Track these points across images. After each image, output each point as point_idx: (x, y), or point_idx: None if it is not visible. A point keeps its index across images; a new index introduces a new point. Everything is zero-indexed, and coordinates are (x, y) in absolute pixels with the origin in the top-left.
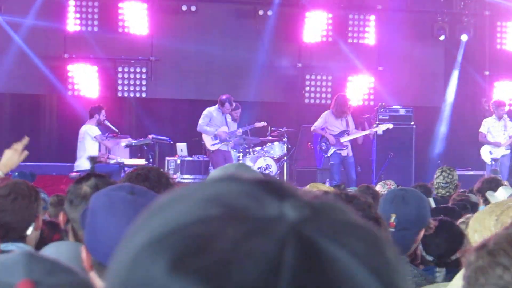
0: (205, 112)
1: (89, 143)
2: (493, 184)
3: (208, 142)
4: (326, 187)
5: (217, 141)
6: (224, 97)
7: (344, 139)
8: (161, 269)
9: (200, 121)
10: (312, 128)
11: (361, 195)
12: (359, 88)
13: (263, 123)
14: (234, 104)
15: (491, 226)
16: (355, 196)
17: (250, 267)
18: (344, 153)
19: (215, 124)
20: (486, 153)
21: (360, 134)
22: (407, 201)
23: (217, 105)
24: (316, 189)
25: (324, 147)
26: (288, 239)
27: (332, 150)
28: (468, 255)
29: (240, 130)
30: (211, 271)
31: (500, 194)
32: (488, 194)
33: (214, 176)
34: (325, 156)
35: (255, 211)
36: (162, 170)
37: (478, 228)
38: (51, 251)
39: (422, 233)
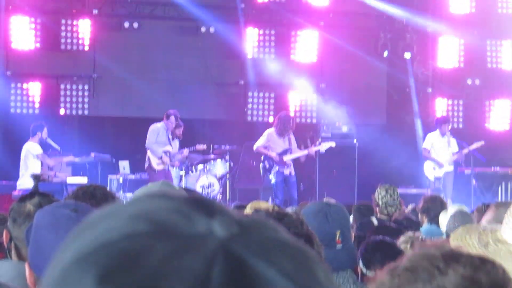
0: (153, 127)
1: (31, 161)
2: (437, 203)
3: (154, 160)
4: (268, 205)
5: (160, 161)
6: (171, 111)
7: (287, 158)
8: (89, 284)
9: (149, 138)
10: (255, 147)
11: (294, 212)
12: (301, 105)
13: (203, 146)
14: (179, 120)
15: (474, 244)
16: (287, 213)
17: (178, 283)
18: (286, 171)
19: (160, 141)
20: (430, 170)
21: (302, 152)
22: (331, 217)
23: (162, 122)
24: (257, 207)
25: (267, 166)
26: (216, 256)
27: (275, 168)
28: (379, 277)
29: (186, 151)
30: (139, 287)
31: (448, 214)
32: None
33: (139, 194)
34: (268, 175)
35: (183, 228)
36: (108, 188)
37: (463, 246)
38: None
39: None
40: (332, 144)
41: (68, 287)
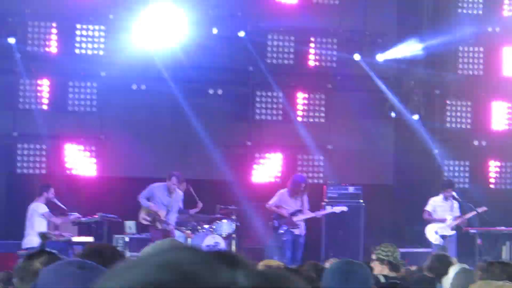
0: (149, 186)
1: (37, 220)
2: (444, 261)
3: (141, 215)
4: (279, 263)
5: (149, 218)
6: (174, 172)
7: (297, 218)
8: None
9: (143, 193)
10: (267, 205)
11: (304, 270)
12: (308, 166)
13: (199, 205)
14: (180, 181)
15: None
16: (297, 270)
17: None
18: (296, 231)
19: (157, 202)
20: (432, 233)
21: (313, 214)
22: (353, 276)
23: (163, 183)
24: (268, 265)
25: (276, 225)
26: None
27: (284, 228)
28: None
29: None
30: None
31: (451, 274)
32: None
33: (144, 252)
34: (277, 233)
35: (207, 278)
36: (116, 248)
37: None
38: None
39: None
40: (344, 208)
41: None
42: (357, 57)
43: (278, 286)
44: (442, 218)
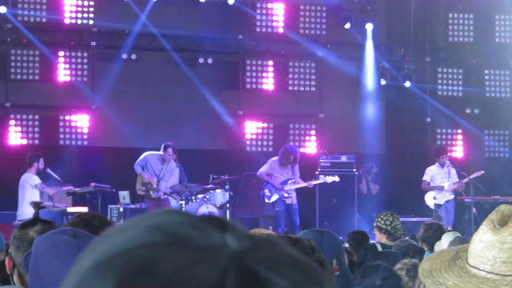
0: (143, 155)
1: (29, 191)
2: (437, 232)
3: (137, 185)
4: (270, 232)
5: (143, 187)
6: (169, 143)
7: (288, 187)
8: None
9: (137, 161)
10: (258, 173)
11: (305, 239)
12: (300, 135)
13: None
14: (175, 152)
15: (446, 258)
16: (299, 239)
17: None
18: (288, 200)
19: (150, 170)
20: (430, 199)
21: (304, 184)
22: (326, 246)
23: (158, 152)
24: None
25: (267, 193)
26: (230, 267)
27: (275, 196)
28: None
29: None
30: None
31: (444, 242)
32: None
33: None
34: (268, 202)
35: (198, 240)
36: (105, 217)
37: (431, 258)
38: None
39: None
40: (336, 179)
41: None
42: (347, 25)
43: (269, 249)
44: (439, 185)
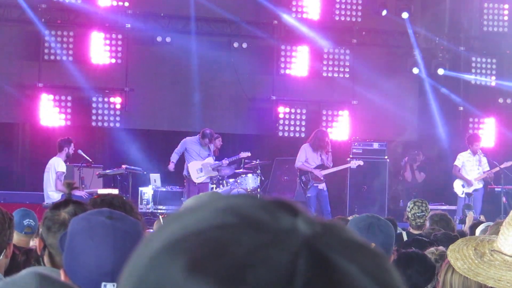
0: (182, 141)
1: (54, 177)
2: (444, 222)
3: (194, 174)
4: None
5: (202, 173)
6: (207, 131)
7: (325, 172)
8: (179, 270)
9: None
10: (298, 164)
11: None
12: (332, 121)
13: (247, 153)
14: (214, 139)
15: (471, 255)
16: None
17: (265, 273)
18: (320, 186)
19: (194, 155)
20: (459, 186)
21: (337, 168)
22: (380, 230)
23: (197, 136)
24: None
25: (304, 180)
26: (301, 251)
27: (311, 182)
28: None
29: (227, 161)
30: (227, 274)
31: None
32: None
33: (188, 204)
34: (304, 188)
35: (269, 223)
36: (126, 198)
37: (459, 257)
38: None
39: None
40: (360, 162)
41: (157, 272)
42: (384, 12)
43: (338, 235)
44: (469, 180)
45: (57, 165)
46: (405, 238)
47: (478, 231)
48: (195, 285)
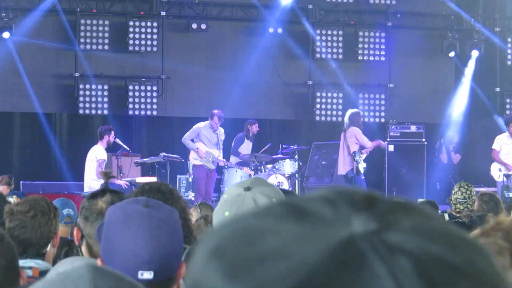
0: (194, 126)
1: (96, 165)
2: (493, 203)
3: (191, 155)
4: None
5: (201, 158)
6: (215, 111)
7: (366, 150)
8: (202, 256)
9: (186, 134)
10: (369, 143)
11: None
12: (369, 104)
13: (268, 145)
14: (222, 120)
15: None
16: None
17: (287, 267)
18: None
19: (203, 140)
20: (496, 170)
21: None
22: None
23: (207, 121)
24: None
25: (356, 157)
26: (339, 248)
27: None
28: None
29: (227, 163)
30: (246, 262)
31: None
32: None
33: (231, 191)
34: (357, 164)
35: (319, 215)
36: (171, 186)
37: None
38: (66, 266)
39: None
40: (384, 144)
41: (192, 259)
42: None
43: (394, 235)
44: (508, 164)
45: (98, 153)
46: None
47: None
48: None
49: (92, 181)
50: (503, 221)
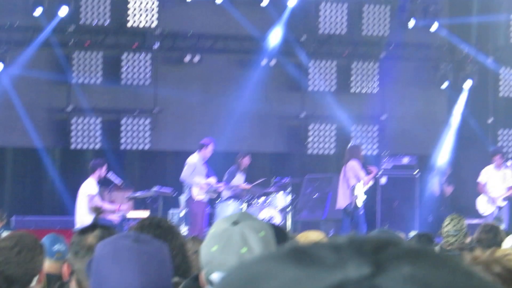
0: (189, 162)
1: (86, 199)
2: (492, 233)
3: (195, 190)
4: (319, 236)
5: (203, 191)
6: (207, 139)
7: (363, 189)
8: None
9: (185, 172)
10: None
11: None
12: (362, 136)
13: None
14: (209, 149)
15: None
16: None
17: None
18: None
19: (200, 173)
20: (483, 203)
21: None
22: None
23: (197, 154)
24: (305, 238)
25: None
26: None
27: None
28: None
29: (246, 186)
30: None
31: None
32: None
33: (220, 226)
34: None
35: (318, 259)
36: (171, 221)
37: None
38: None
39: None
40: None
41: None
42: (411, 23)
43: (391, 278)
44: (493, 198)
45: (88, 187)
46: None
47: (508, 244)
48: None
49: (83, 216)
50: (478, 256)
